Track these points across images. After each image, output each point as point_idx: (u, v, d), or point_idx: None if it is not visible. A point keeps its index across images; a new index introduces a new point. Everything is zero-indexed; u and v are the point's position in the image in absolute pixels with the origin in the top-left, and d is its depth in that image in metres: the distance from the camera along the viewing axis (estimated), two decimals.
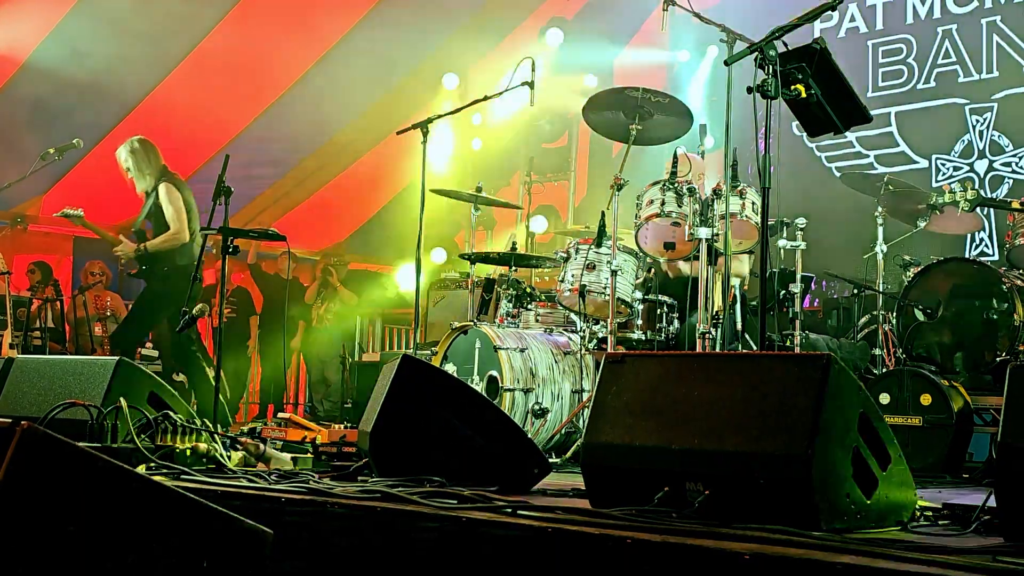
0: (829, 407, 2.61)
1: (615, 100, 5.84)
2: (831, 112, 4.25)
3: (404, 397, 3.61)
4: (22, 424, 2.05)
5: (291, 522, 2.95)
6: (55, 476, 2.09)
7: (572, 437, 5.59)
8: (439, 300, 9.55)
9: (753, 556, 2.17)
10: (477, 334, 5.88)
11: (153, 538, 2.18)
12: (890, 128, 9.09)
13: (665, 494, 2.75)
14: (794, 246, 5.73)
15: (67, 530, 2.08)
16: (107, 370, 4.37)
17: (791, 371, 2.73)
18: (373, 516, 2.82)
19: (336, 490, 3.16)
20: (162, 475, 3.55)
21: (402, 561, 2.73)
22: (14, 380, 4.85)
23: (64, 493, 2.09)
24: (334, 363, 11.29)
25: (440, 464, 3.47)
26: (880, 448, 2.76)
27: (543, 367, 5.77)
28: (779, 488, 2.58)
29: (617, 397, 2.98)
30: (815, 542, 2.31)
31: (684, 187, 5.54)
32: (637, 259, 5.88)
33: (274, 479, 3.53)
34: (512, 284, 6.43)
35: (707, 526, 2.49)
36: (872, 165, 9.12)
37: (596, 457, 3.00)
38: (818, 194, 8.76)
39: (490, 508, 2.79)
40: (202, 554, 2.23)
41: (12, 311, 9.15)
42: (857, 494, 2.66)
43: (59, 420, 3.98)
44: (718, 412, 2.76)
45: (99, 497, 2.13)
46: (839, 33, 9.51)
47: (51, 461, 2.09)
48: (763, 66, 4.04)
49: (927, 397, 5.23)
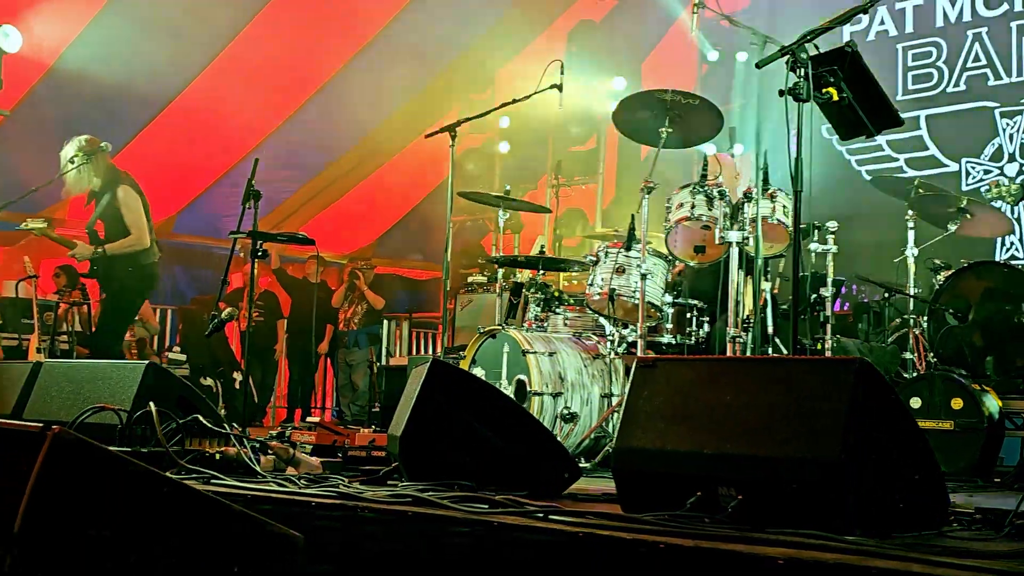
0: (861, 411, 2.59)
1: (644, 103, 5.80)
2: (863, 115, 4.21)
3: (434, 401, 3.61)
4: (53, 429, 2.05)
5: (321, 526, 2.94)
6: (86, 481, 2.09)
7: (602, 442, 5.56)
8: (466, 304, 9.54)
9: (787, 561, 2.15)
10: (505, 338, 5.87)
11: (184, 543, 2.18)
12: (920, 131, 9.02)
13: (697, 499, 2.74)
14: (825, 250, 5.68)
15: (99, 534, 2.08)
16: (136, 374, 4.37)
17: (823, 375, 2.71)
18: (404, 521, 2.81)
19: (366, 494, 3.15)
20: (192, 479, 3.55)
21: (433, 566, 2.72)
22: (42, 384, 4.87)
23: (95, 497, 2.09)
24: (362, 367, 11.32)
25: (469, 468, 3.46)
26: (912, 452, 2.73)
27: (572, 371, 5.75)
28: (812, 493, 2.56)
29: (648, 402, 2.97)
30: (849, 547, 2.30)
31: (714, 190, 5.51)
32: (667, 262, 5.85)
33: (304, 483, 3.53)
34: (540, 288, 6.41)
35: (740, 531, 2.47)
36: (902, 168, 9.05)
37: (628, 462, 2.99)
38: (848, 198, 8.70)
39: (521, 513, 2.77)
40: (233, 559, 2.23)
41: (39, 315, 9.22)
42: (890, 499, 2.63)
43: (88, 424, 3.99)
44: (750, 417, 2.74)
45: (130, 501, 2.13)
46: (868, 36, 9.44)
47: (82, 466, 2.09)
48: (795, 69, 4.01)
49: (958, 401, 5.18)
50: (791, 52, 4.03)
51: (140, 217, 6.93)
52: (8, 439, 2.15)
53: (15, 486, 2.00)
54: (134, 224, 6.90)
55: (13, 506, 1.98)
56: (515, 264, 6.93)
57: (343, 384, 11.59)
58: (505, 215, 7.01)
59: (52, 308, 9.56)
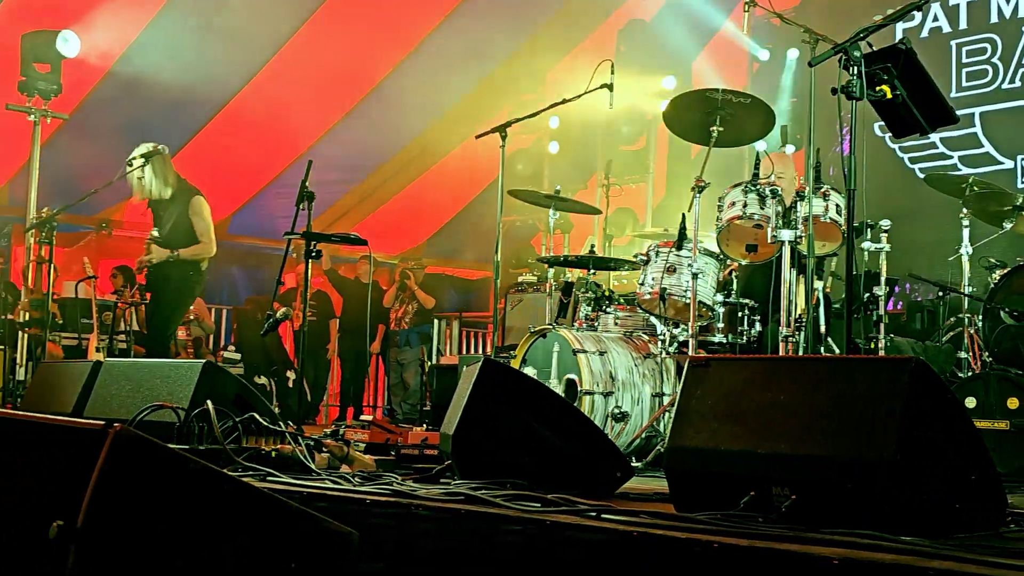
0: (917, 411, 2.57)
1: (695, 102, 5.77)
2: (917, 113, 4.17)
3: (486, 400, 3.62)
4: (115, 426, 2.09)
5: (376, 524, 2.97)
6: (148, 477, 2.12)
7: (653, 441, 5.55)
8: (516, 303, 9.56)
9: (842, 561, 2.14)
10: (556, 337, 5.87)
11: (244, 539, 2.21)
12: (974, 129, 8.90)
13: (751, 498, 2.73)
14: (878, 248, 5.62)
15: (159, 531, 2.11)
16: (194, 373, 4.43)
17: (878, 375, 2.68)
18: (457, 519, 2.83)
19: (420, 492, 3.18)
20: (249, 476, 3.59)
21: (486, 563, 2.74)
22: (103, 383, 4.96)
23: (156, 494, 2.13)
24: (413, 366, 11.38)
25: (522, 467, 3.47)
26: (968, 452, 2.70)
27: (623, 370, 5.74)
28: (867, 493, 2.54)
29: (701, 401, 2.96)
30: (905, 547, 2.27)
31: (766, 189, 5.48)
32: (718, 261, 5.82)
33: (358, 481, 3.56)
34: (591, 287, 6.41)
35: (794, 531, 2.46)
36: (956, 166, 8.94)
37: (680, 461, 2.98)
38: (901, 196, 8.62)
39: (574, 511, 2.78)
40: (291, 555, 2.26)
41: (98, 315, 9.39)
42: (946, 499, 2.61)
43: (147, 422, 4.06)
44: (804, 416, 2.73)
45: (191, 498, 2.17)
46: (922, 33, 9.33)
47: (143, 463, 2.12)
48: (847, 67, 3.98)
49: (1014, 401, 5.10)
50: (844, 50, 4.00)
51: (210, 227, 7.17)
52: (71, 436, 2.20)
53: (78, 482, 2.04)
54: (204, 233, 7.13)
55: (76, 502, 2.02)
56: (565, 264, 6.94)
57: (395, 383, 11.66)
58: (555, 215, 7.01)
59: (110, 308, 9.72)
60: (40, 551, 2.06)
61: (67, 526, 2.01)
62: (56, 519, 2.02)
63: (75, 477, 2.06)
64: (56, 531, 2.01)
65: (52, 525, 2.02)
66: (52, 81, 8.77)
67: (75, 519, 2.01)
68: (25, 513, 2.20)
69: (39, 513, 2.10)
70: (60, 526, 2.01)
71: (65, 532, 2.01)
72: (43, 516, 2.06)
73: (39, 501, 2.17)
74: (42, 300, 7.84)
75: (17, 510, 2.24)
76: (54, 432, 2.29)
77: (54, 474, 2.18)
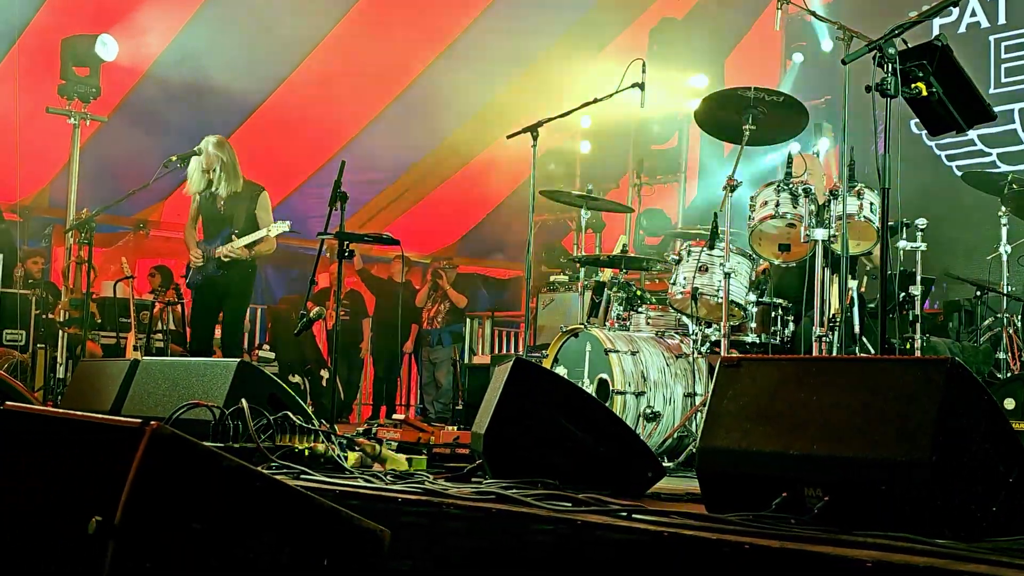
0: (953, 413, 2.54)
1: (728, 100, 5.75)
2: (953, 110, 4.14)
3: (517, 399, 3.63)
4: (151, 424, 2.12)
5: (408, 523, 2.98)
6: (183, 475, 2.15)
7: (685, 441, 5.54)
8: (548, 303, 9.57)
9: (876, 564, 2.12)
10: (587, 337, 5.87)
11: (277, 536, 2.23)
12: (1014, 125, 8.79)
13: (783, 500, 2.71)
14: (914, 247, 5.58)
15: (194, 527, 2.14)
16: (228, 372, 4.47)
17: (913, 375, 2.66)
18: (488, 518, 2.84)
19: (451, 491, 3.19)
20: (282, 475, 3.62)
21: (517, 563, 2.75)
22: (140, 381, 5.02)
23: (192, 491, 2.15)
24: (445, 365, 11.42)
25: (553, 466, 3.48)
26: (1006, 454, 2.67)
27: (655, 370, 5.73)
28: (902, 495, 2.52)
29: (733, 401, 2.95)
30: (940, 550, 2.25)
31: (799, 187, 5.45)
32: (751, 261, 5.80)
33: (390, 480, 3.58)
34: (623, 287, 6.40)
35: (827, 533, 2.45)
36: (995, 163, 8.84)
37: (712, 462, 2.97)
38: (938, 194, 8.53)
39: (605, 511, 2.78)
40: (324, 552, 2.28)
41: (135, 314, 9.49)
42: (982, 502, 2.58)
43: (183, 420, 4.10)
44: (838, 417, 2.71)
45: (225, 495, 2.19)
46: (959, 28, 9.24)
47: (179, 460, 2.15)
48: (882, 64, 3.96)
49: None
50: (878, 47, 3.97)
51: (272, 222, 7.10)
52: (109, 434, 2.23)
53: (116, 479, 2.07)
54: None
55: (115, 498, 2.05)
56: (597, 263, 6.94)
57: (427, 382, 11.71)
58: (587, 214, 7.01)
59: (148, 307, 9.82)
60: (79, 546, 2.09)
61: (105, 522, 2.04)
62: (95, 515, 2.05)
63: (113, 474, 2.09)
64: (95, 526, 2.04)
65: (91, 521, 2.05)
66: (91, 84, 8.88)
67: (113, 515, 2.04)
68: (65, 509, 2.23)
69: (79, 509, 2.13)
70: (99, 522, 2.04)
71: (104, 527, 2.04)
72: (82, 512, 2.09)
73: (79, 497, 2.21)
74: (81, 300, 7.93)
75: (58, 505, 2.28)
76: (93, 430, 2.32)
77: (93, 471, 2.21)
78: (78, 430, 2.37)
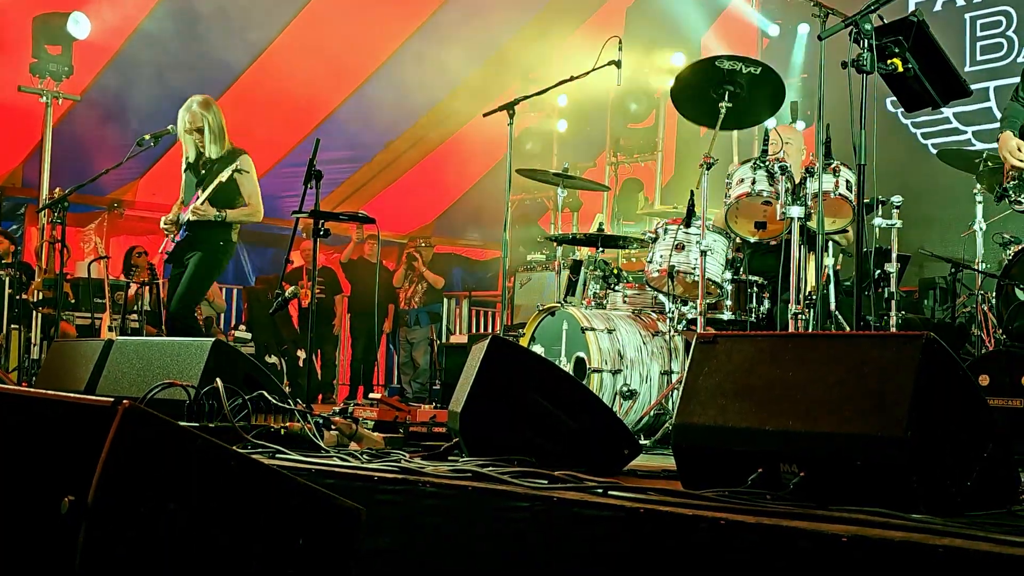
0: (928, 387, 2.54)
1: (702, 73, 5.71)
2: (929, 86, 4.14)
3: (494, 378, 3.63)
4: (124, 403, 2.10)
5: (383, 500, 2.98)
6: (157, 454, 2.13)
7: (661, 419, 5.55)
8: (525, 282, 9.57)
9: (851, 539, 2.13)
10: (564, 315, 5.87)
11: (251, 515, 2.22)
12: (989, 103, 8.82)
13: (759, 475, 2.71)
14: (890, 224, 5.59)
15: (167, 507, 2.12)
16: (203, 351, 4.46)
17: (889, 351, 2.66)
18: (464, 495, 2.84)
19: (427, 469, 3.18)
20: (258, 454, 3.61)
21: (493, 540, 2.75)
22: (114, 361, 5.00)
23: (165, 470, 2.14)
24: (422, 345, 11.41)
25: (530, 444, 3.48)
26: (980, 430, 2.69)
27: (631, 348, 5.74)
28: (877, 470, 2.53)
29: (709, 378, 2.95)
30: (915, 525, 2.26)
31: (775, 165, 5.45)
32: (727, 239, 5.80)
33: (366, 458, 3.57)
34: (599, 265, 6.40)
35: (803, 508, 2.45)
36: (970, 141, 8.87)
37: (688, 438, 2.97)
38: (914, 171, 8.56)
39: (581, 488, 2.78)
40: (298, 531, 2.27)
41: (110, 294, 9.42)
42: (957, 477, 2.59)
43: (158, 400, 4.08)
44: (813, 393, 2.71)
45: (199, 475, 2.17)
46: (935, 6, 9.25)
47: (153, 439, 2.13)
48: (858, 40, 3.96)
49: None
50: (855, 23, 3.97)
51: (257, 188, 6.59)
52: (82, 413, 2.21)
53: (89, 459, 2.05)
54: (253, 195, 6.54)
55: (87, 478, 2.03)
56: (574, 242, 6.93)
57: (404, 362, 11.71)
58: (563, 193, 7.00)
59: (123, 288, 9.75)
60: (52, 527, 2.07)
61: (78, 502, 2.02)
62: (68, 495, 2.03)
63: (86, 454, 2.07)
64: (68, 507, 2.02)
65: (64, 501, 2.03)
66: (63, 63, 8.79)
67: (86, 495, 2.02)
68: (38, 489, 2.21)
69: (52, 489, 2.11)
70: (71, 502, 2.02)
71: (76, 508, 2.02)
72: (55, 492, 2.07)
73: (52, 477, 2.19)
74: (55, 280, 7.86)
75: (31, 486, 2.26)
76: (65, 409, 2.29)
77: (66, 451, 2.19)
78: (51, 410, 2.35)
